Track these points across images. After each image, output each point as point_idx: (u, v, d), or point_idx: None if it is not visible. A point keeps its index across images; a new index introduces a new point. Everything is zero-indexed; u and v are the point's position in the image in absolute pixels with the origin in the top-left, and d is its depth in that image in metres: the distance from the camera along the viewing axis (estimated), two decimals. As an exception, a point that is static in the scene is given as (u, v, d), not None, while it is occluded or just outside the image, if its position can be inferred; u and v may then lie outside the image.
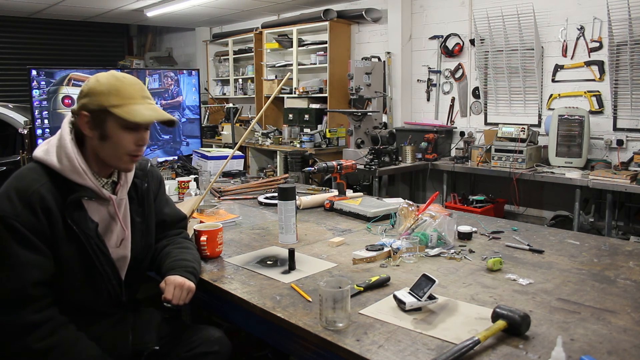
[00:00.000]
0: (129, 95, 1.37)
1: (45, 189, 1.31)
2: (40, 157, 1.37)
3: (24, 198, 1.28)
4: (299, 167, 4.73)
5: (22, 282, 1.25)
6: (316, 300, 1.33)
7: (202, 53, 8.06)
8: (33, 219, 1.28)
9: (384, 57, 5.41)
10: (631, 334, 1.18)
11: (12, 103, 4.88)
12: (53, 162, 1.35)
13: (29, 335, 1.24)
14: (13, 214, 1.26)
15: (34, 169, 1.35)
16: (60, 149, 1.36)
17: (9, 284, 1.25)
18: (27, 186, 1.30)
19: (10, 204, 1.27)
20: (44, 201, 1.30)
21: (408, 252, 1.70)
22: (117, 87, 1.37)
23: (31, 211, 1.28)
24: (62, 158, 1.35)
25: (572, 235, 2.02)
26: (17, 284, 1.25)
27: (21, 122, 4.32)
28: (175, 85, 3.98)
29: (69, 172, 1.35)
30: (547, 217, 4.42)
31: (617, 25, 3.82)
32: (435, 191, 3.23)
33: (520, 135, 4.14)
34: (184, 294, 1.46)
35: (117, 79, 1.39)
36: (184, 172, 3.23)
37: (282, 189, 1.93)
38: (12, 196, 1.28)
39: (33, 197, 1.28)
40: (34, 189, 1.30)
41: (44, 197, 1.30)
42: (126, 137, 1.38)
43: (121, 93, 1.37)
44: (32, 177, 1.32)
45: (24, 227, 1.26)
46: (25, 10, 7.04)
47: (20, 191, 1.29)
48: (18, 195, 1.28)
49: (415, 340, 1.17)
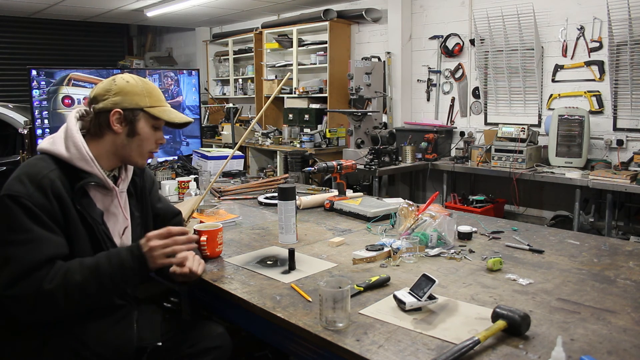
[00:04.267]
0: (159, 98, 1.51)
1: (54, 175, 1.34)
2: (46, 148, 1.40)
3: (35, 181, 1.31)
4: (299, 167, 4.73)
5: (39, 255, 1.27)
6: (316, 300, 1.33)
7: (202, 53, 8.06)
8: (45, 201, 1.30)
9: (384, 57, 5.41)
10: (631, 334, 1.18)
11: (12, 103, 4.88)
12: (60, 151, 1.39)
13: (42, 283, 1.24)
14: (26, 195, 1.28)
15: (42, 158, 1.39)
16: (67, 139, 1.41)
17: (26, 257, 1.26)
18: (37, 171, 1.33)
19: (22, 186, 1.29)
20: (55, 186, 1.32)
21: (408, 252, 1.70)
22: (149, 90, 1.50)
23: (43, 193, 1.30)
24: (70, 147, 1.39)
25: (572, 235, 2.02)
26: (33, 257, 1.26)
27: (21, 122, 4.33)
28: (175, 85, 3.98)
29: (76, 159, 1.38)
30: (547, 217, 4.42)
31: (617, 25, 3.82)
32: (435, 191, 3.23)
33: (520, 135, 4.14)
34: (196, 262, 1.48)
35: (145, 82, 1.51)
36: (184, 172, 3.22)
37: (282, 189, 1.93)
38: (23, 179, 1.31)
39: (44, 181, 1.31)
40: (44, 173, 1.33)
41: (54, 181, 1.33)
42: (153, 135, 1.51)
43: (154, 96, 1.50)
44: (42, 165, 1.36)
45: (37, 207, 1.29)
46: (25, 10, 7.04)
47: (31, 175, 1.32)
48: (29, 179, 1.31)
49: (415, 340, 1.17)
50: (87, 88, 3.55)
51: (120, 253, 1.35)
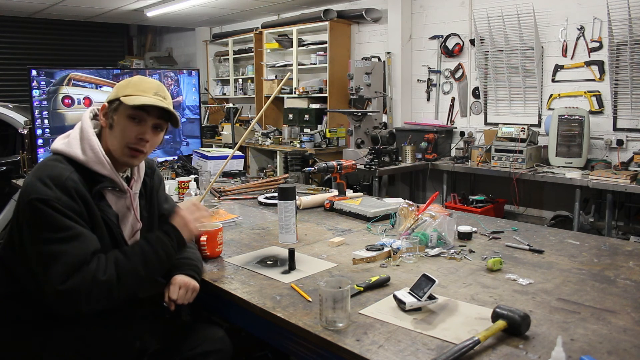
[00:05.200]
0: (142, 89, 1.43)
1: (75, 177, 1.34)
2: (62, 149, 1.39)
3: (60, 184, 1.30)
4: (299, 167, 4.73)
5: (86, 248, 1.29)
6: (316, 300, 1.33)
7: (202, 53, 8.06)
8: (73, 203, 1.31)
9: (384, 57, 5.41)
10: (631, 334, 1.18)
11: (12, 103, 4.88)
12: (77, 154, 1.38)
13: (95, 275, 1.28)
14: (55, 198, 1.28)
15: (59, 160, 1.38)
16: (83, 141, 1.40)
17: (75, 251, 1.27)
18: (59, 174, 1.32)
19: (49, 189, 1.29)
20: (78, 187, 1.33)
21: (408, 252, 1.70)
22: (135, 82, 1.45)
23: (69, 196, 1.30)
24: (87, 149, 1.39)
25: (572, 235, 2.02)
26: (82, 250, 1.28)
27: (21, 122, 4.32)
28: (175, 85, 3.98)
29: (93, 163, 1.38)
30: (547, 217, 4.42)
31: (617, 25, 3.82)
32: (435, 191, 3.23)
33: (520, 135, 4.14)
34: (188, 294, 1.48)
35: (140, 78, 1.48)
36: (184, 172, 3.23)
37: (282, 189, 1.93)
38: (47, 183, 1.30)
39: (68, 183, 1.31)
40: (67, 175, 1.33)
41: (77, 183, 1.33)
42: (129, 127, 1.42)
43: (136, 86, 1.43)
44: (61, 167, 1.35)
45: (67, 209, 1.29)
46: (25, 10, 7.04)
47: (54, 178, 1.31)
48: (54, 182, 1.30)
49: (415, 340, 1.17)
50: (87, 88, 3.55)
51: (156, 234, 1.43)
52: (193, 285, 1.49)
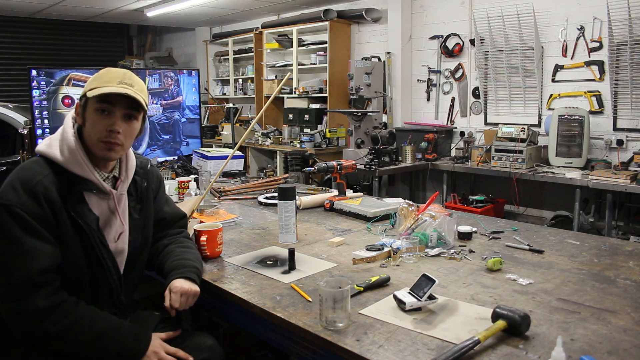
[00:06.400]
0: (106, 79, 1.40)
1: (48, 181, 1.33)
2: (43, 150, 1.39)
3: (28, 188, 1.29)
4: (299, 167, 4.73)
5: (30, 269, 1.26)
6: (316, 300, 1.33)
7: (202, 53, 8.06)
8: (37, 209, 1.29)
9: (384, 57, 5.41)
10: (631, 334, 1.18)
11: (12, 103, 4.88)
12: (55, 154, 1.37)
13: (44, 320, 1.26)
14: (18, 203, 1.27)
15: (37, 162, 1.37)
16: (62, 141, 1.39)
17: (17, 271, 1.26)
18: (31, 177, 1.32)
19: (14, 193, 1.28)
20: (48, 192, 1.31)
21: (408, 252, 1.70)
22: (100, 74, 1.42)
23: (35, 201, 1.29)
24: (64, 150, 1.37)
25: (572, 235, 2.02)
26: (25, 271, 1.26)
27: (21, 122, 4.32)
28: (175, 85, 3.98)
29: (70, 164, 1.37)
30: (547, 217, 4.42)
31: (617, 25, 3.82)
32: (435, 191, 3.23)
33: (520, 135, 4.14)
34: (189, 300, 1.46)
35: (106, 70, 1.44)
36: (184, 172, 3.22)
37: (282, 189, 1.93)
38: (16, 186, 1.30)
39: (37, 188, 1.30)
40: (38, 179, 1.31)
41: (48, 188, 1.32)
42: (98, 121, 1.39)
43: (101, 78, 1.41)
44: (36, 169, 1.34)
45: (29, 216, 1.28)
46: (25, 10, 7.04)
47: (24, 182, 1.30)
48: (22, 186, 1.30)
49: (415, 340, 1.17)
50: (87, 88, 3.54)
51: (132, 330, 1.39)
52: (194, 292, 1.47)
